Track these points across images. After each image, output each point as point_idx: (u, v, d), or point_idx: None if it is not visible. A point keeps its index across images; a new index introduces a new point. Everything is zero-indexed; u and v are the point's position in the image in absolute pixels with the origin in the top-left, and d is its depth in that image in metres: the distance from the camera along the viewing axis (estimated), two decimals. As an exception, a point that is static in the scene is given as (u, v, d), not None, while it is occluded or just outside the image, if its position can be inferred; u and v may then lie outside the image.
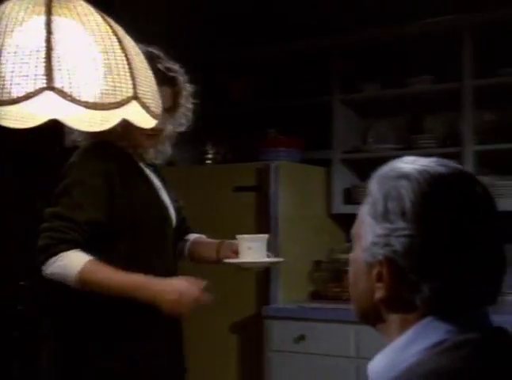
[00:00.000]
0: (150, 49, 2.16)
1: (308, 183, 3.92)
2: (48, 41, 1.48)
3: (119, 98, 1.56)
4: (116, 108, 1.57)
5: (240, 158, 3.91)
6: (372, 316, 1.06)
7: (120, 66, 1.57)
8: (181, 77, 2.26)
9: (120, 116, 1.69)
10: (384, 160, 4.28)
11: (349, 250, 3.63)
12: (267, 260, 2.25)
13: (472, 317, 0.98)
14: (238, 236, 2.22)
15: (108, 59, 1.55)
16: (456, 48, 3.61)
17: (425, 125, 3.97)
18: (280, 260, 2.48)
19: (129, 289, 1.97)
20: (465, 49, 3.60)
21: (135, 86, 1.59)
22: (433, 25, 3.70)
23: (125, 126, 1.93)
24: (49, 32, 1.49)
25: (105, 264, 1.97)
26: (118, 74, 1.57)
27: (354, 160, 4.03)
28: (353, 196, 3.99)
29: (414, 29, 3.75)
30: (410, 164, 1.05)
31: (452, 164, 1.04)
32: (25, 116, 1.72)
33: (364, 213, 1.05)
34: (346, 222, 4.00)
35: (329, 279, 3.79)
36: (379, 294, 1.01)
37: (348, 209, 3.94)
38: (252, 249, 2.17)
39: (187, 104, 2.30)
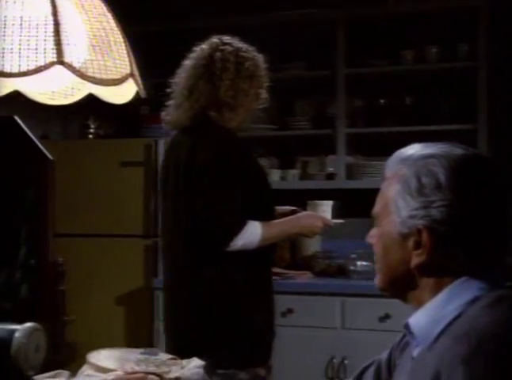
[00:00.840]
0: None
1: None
2: (55, 15, 1.50)
3: (119, 75, 1.61)
4: (117, 84, 1.62)
5: (122, 133, 3.94)
6: (403, 283, 1.19)
7: (118, 43, 1.62)
8: None
9: (86, 91, 1.73)
10: (257, 139, 4.51)
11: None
12: (339, 220, 2.65)
13: (494, 275, 1.17)
14: (312, 202, 2.68)
15: (107, 36, 1.60)
16: (330, 38, 3.88)
17: (296, 108, 4.21)
18: (342, 221, 2.76)
19: (288, 231, 2.48)
20: (339, 39, 3.87)
21: (131, 63, 1.65)
22: (309, 15, 3.94)
23: (244, 105, 2.40)
24: (54, 5, 1.52)
25: (266, 222, 2.34)
26: (117, 51, 1.62)
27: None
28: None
29: (291, 17, 3.97)
30: (427, 148, 1.21)
31: (464, 146, 1.22)
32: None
33: (393, 192, 1.20)
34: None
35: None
36: (417, 260, 1.16)
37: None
38: (325, 212, 2.61)
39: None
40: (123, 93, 1.71)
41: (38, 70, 1.49)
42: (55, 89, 1.71)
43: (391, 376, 1.33)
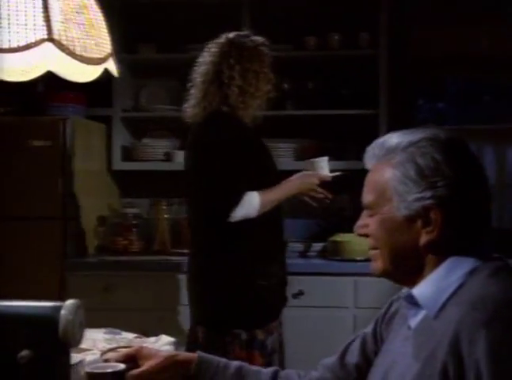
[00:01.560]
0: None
1: (93, 139, 3.98)
2: (43, -9, 1.47)
3: (102, 54, 1.61)
4: (100, 63, 1.62)
5: (23, 111, 3.81)
6: (407, 262, 1.27)
7: (99, 22, 1.61)
8: None
9: (44, 68, 1.71)
10: (159, 119, 4.52)
11: (129, 205, 3.80)
12: (336, 172, 2.83)
13: (485, 247, 1.28)
14: (311, 160, 2.83)
15: (89, 15, 1.58)
16: (235, 21, 3.93)
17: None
18: (339, 173, 2.87)
19: (286, 193, 2.65)
20: (244, 23, 3.93)
21: (111, 43, 1.65)
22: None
23: (253, 105, 2.59)
24: (40, -19, 1.48)
25: (262, 191, 2.54)
26: (99, 30, 1.61)
27: (131, 118, 4.16)
28: (131, 154, 4.13)
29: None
30: (411, 134, 1.29)
31: (441, 128, 1.31)
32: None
33: (389, 179, 1.26)
34: (124, 178, 4.17)
35: (114, 233, 3.91)
36: (427, 237, 1.23)
37: (126, 166, 4.08)
38: (324, 169, 2.79)
39: None
40: (87, 72, 1.69)
41: (29, 46, 1.47)
42: (17, 65, 1.67)
43: (377, 347, 1.43)
